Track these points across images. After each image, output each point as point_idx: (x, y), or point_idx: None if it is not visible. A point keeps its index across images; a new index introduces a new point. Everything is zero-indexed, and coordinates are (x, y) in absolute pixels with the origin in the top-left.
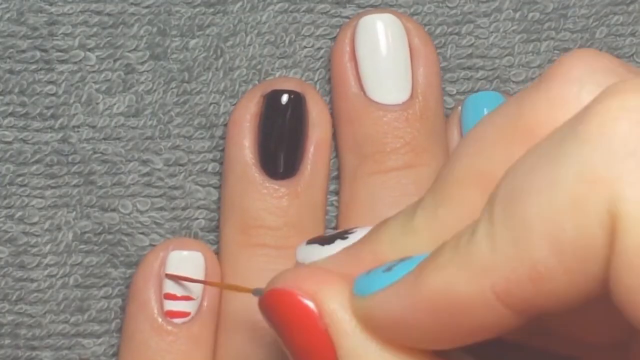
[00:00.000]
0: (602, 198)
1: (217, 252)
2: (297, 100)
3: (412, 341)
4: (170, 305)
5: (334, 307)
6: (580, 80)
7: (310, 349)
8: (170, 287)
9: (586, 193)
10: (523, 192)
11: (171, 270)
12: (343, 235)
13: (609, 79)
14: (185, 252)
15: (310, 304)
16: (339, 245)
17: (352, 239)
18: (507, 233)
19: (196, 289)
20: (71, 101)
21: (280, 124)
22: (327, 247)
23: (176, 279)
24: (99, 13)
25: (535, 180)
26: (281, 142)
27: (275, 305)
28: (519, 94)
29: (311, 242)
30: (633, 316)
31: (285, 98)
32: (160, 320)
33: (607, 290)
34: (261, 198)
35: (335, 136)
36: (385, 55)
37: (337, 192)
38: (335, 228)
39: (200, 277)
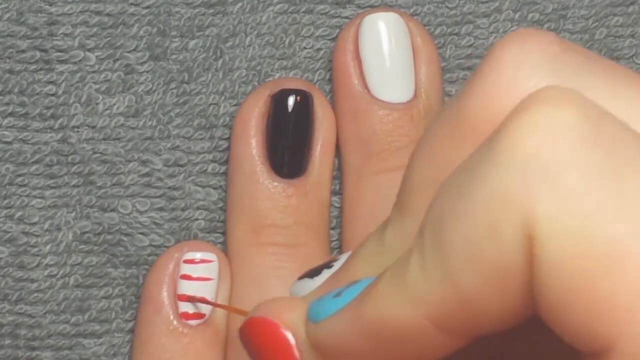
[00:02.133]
0: (516, 218)
1: (224, 252)
2: (305, 99)
3: None
4: (185, 307)
5: (293, 324)
6: (513, 64)
7: None
8: (184, 288)
9: (501, 216)
10: (446, 219)
11: (184, 272)
12: (329, 265)
13: (543, 61)
14: (199, 254)
15: (279, 328)
16: (325, 275)
17: (337, 265)
18: (435, 261)
19: (210, 290)
20: (71, 101)
21: (288, 123)
22: (316, 278)
23: (190, 300)
24: (99, 13)
25: (455, 205)
26: (289, 141)
27: (251, 333)
28: (459, 89)
29: (302, 277)
30: (558, 330)
31: (293, 97)
32: (176, 322)
33: (535, 308)
34: (271, 197)
35: (337, 135)
36: (389, 54)
37: (336, 192)
38: (337, 228)
39: (215, 278)
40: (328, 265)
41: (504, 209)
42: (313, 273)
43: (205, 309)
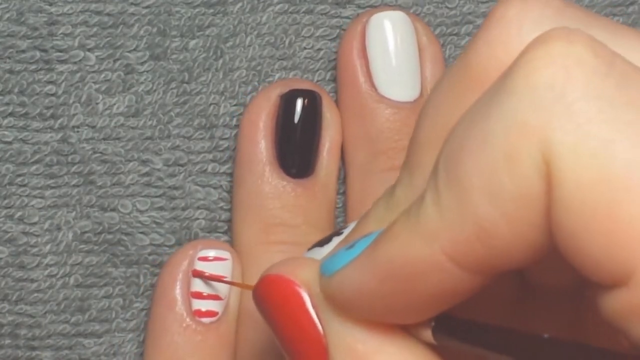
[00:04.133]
0: (534, 146)
1: None
2: (314, 100)
3: (377, 315)
4: (198, 305)
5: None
6: (517, 18)
7: (299, 330)
8: (197, 285)
9: (518, 143)
10: (460, 152)
11: (198, 269)
12: (339, 232)
13: (546, 14)
14: (213, 252)
15: (293, 284)
16: (336, 242)
17: (346, 232)
18: (451, 195)
19: (223, 288)
20: (71, 101)
21: (297, 123)
22: (325, 246)
23: (205, 277)
24: (99, 13)
25: (470, 138)
26: (298, 141)
27: (265, 291)
28: (464, 47)
29: (311, 247)
30: (576, 261)
31: (302, 98)
32: (189, 320)
33: (552, 240)
34: (279, 197)
35: (343, 134)
36: (397, 53)
37: (338, 192)
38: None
39: (228, 276)
40: (338, 233)
41: (521, 137)
42: (323, 242)
43: (218, 307)
